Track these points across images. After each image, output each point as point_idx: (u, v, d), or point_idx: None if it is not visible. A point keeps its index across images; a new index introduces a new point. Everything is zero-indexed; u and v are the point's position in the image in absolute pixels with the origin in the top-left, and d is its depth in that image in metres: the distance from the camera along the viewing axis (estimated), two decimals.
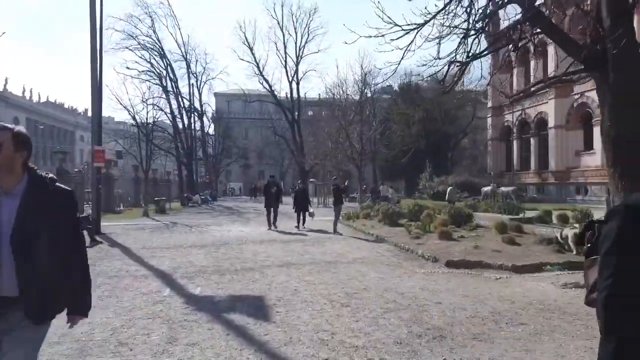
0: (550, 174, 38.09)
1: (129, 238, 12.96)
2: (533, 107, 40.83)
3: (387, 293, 6.37)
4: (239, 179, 72.34)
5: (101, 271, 7.95)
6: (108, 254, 10.03)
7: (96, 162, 13.82)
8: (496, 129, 47.36)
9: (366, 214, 18.06)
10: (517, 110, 43.54)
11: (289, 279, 7.37)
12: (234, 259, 9.32)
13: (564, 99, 36.69)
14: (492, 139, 48.23)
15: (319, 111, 58.29)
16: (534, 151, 41.05)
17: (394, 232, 13.01)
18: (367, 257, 9.51)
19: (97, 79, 14.48)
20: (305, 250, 10.50)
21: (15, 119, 64.09)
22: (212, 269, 8.14)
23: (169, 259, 9.26)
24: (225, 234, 13.96)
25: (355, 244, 11.82)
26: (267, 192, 15.65)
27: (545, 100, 39.02)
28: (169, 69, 37.76)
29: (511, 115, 44.76)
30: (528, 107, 41.08)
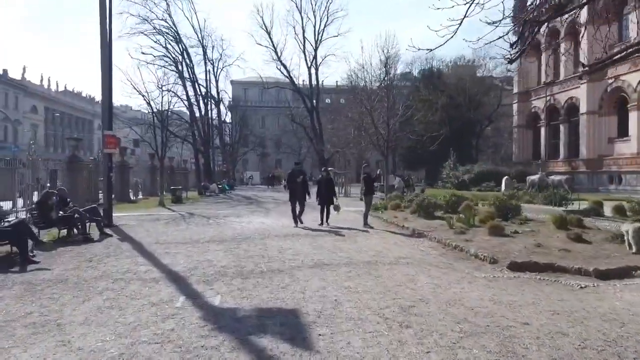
0: (581, 162, 36.13)
1: (141, 231, 11.92)
2: (563, 92, 38.71)
3: (453, 307, 5.09)
4: (255, 167, 71.53)
5: (105, 272, 6.85)
6: (117, 249, 8.96)
7: (107, 148, 12.79)
8: (522, 116, 45.26)
9: (395, 205, 16.72)
10: (545, 95, 41.42)
11: (324, 284, 6.15)
12: (257, 257, 8.14)
13: (597, 83, 34.57)
14: (518, 126, 46.15)
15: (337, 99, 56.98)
16: (563, 138, 39.05)
17: (432, 226, 11.67)
18: (410, 257, 8.22)
19: (107, 61, 13.40)
20: (336, 247, 9.27)
21: (33, 107, 64.27)
22: (233, 271, 6.96)
23: (184, 257, 8.13)
24: (245, 227, 12.83)
25: (391, 239, 10.54)
26: (292, 183, 13.26)
27: (577, 85, 36.87)
28: (184, 54, 36.74)
29: (539, 100, 42.63)
30: (557, 92, 38.97)
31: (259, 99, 73.79)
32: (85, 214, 10.19)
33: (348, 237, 10.80)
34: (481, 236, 9.58)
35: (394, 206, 16.72)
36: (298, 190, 13.09)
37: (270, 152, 71.08)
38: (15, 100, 60.36)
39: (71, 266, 7.33)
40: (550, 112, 41.02)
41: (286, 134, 62.78)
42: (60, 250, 8.84)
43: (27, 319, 4.73)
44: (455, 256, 8.29)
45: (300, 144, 62.43)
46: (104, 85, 13.50)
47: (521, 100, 45.77)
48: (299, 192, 13.12)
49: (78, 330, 4.39)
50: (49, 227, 9.80)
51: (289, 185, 13.47)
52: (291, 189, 13.31)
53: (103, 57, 13.51)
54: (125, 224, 13.41)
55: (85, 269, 7.14)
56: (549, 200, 14.61)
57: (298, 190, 13.09)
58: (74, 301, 5.34)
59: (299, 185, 13.09)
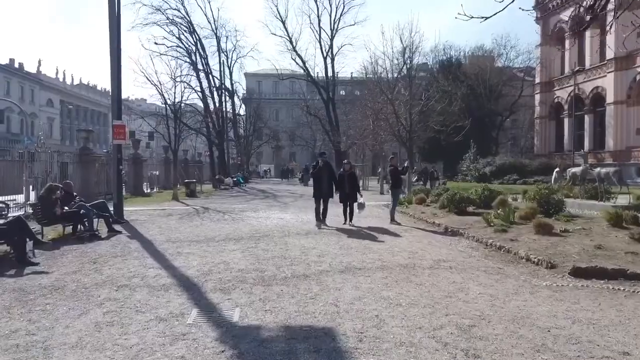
0: (607, 154, 34.57)
1: (153, 227, 11.18)
2: (589, 81, 37.03)
3: (523, 328, 4.15)
4: (269, 160, 70.91)
5: (110, 277, 6.06)
6: (125, 249, 8.19)
7: (116, 139, 12.04)
8: (544, 107, 43.59)
9: (420, 199, 15.72)
10: (569, 85, 39.72)
11: (360, 294, 5.25)
12: (279, 258, 7.28)
13: (625, 72, 32.95)
14: (540, 117, 44.53)
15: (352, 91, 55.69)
16: (588, 130, 37.44)
17: (466, 223, 10.67)
18: (450, 259, 7.27)
19: (115, 49, 12.62)
20: (365, 247, 8.36)
21: (49, 100, 64.46)
22: (253, 276, 6.11)
23: (198, 258, 7.32)
24: (263, 223, 12.00)
25: (424, 237, 9.58)
26: (318, 177, 11.46)
27: (603, 74, 35.21)
28: (198, 44, 35.88)
29: (562, 91, 40.92)
30: (582, 81, 37.24)
31: (272, 91, 73.10)
32: (92, 210, 9.46)
33: (376, 235, 9.88)
34: (527, 235, 8.57)
35: (419, 200, 15.73)
36: (325, 186, 11.36)
37: (285, 145, 70.28)
38: (31, 93, 60.56)
39: (72, 268, 6.57)
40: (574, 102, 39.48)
41: (300, 126, 61.85)
42: (64, 249, 8.10)
43: (9, 339, 3.93)
44: (502, 259, 7.31)
45: (314, 137, 61.44)
46: (113, 73, 12.74)
47: (543, 91, 44.13)
48: (326, 188, 11.38)
49: (68, 356, 3.58)
50: (53, 223, 9.09)
51: (315, 180, 11.63)
52: (317, 184, 11.51)
53: (112, 44, 12.74)
54: (136, 219, 12.70)
55: (87, 272, 6.36)
56: (590, 194, 13.44)
57: (325, 186, 11.36)
58: (69, 315, 4.54)
59: (325, 180, 11.37)
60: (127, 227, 10.92)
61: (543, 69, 43.45)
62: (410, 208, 14.76)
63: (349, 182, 11.61)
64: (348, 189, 11.47)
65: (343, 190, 11.48)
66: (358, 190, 11.85)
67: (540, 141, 45.20)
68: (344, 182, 11.51)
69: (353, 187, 11.65)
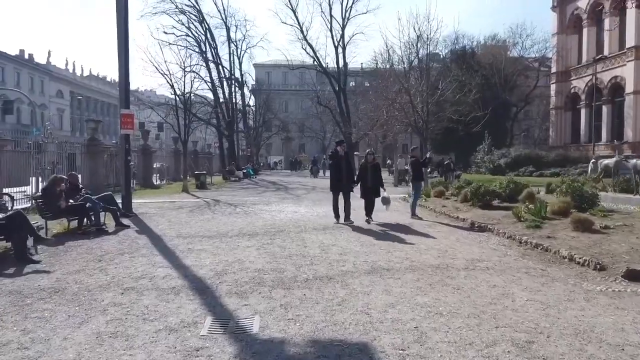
0: (625, 146, 33.51)
1: (163, 221, 10.69)
2: (607, 70, 35.80)
3: (590, 344, 3.55)
4: (279, 152, 70.45)
5: (115, 278, 5.55)
6: (133, 245, 7.70)
7: (124, 129, 11.54)
8: (561, 97, 42.39)
9: (439, 192, 15.07)
10: (586, 75, 38.51)
11: (392, 300, 4.68)
12: (297, 257, 6.73)
13: None
14: (556, 108, 43.33)
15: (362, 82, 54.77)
16: (606, 120, 36.32)
17: (492, 217, 10.03)
18: (485, 258, 6.66)
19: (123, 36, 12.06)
20: (390, 244, 7.77)
21: (59, 92, 64.42)
22: (272, 277, 5.56)
23: (210, 256, 6.79)
24: (276, 217, 11.46)
25: (450, 234, 8.96)
26: (336, 167, 10.20)
27: (623, 63, 34.00)
28: (207, 34, 35.30)
29: (579, 80, 39.70)
30: (600, 71, 36.01)
31: (282, 82, 72.42)
32: (98, 203, 8.98)
33: (399, 230, 9.28)
34: (564, 232, 7.91)
35: (437, 193, 15.07)
36: (344, 177, 10.11)
37: (294, 136, 69.70)
38: (41, 84, 60.53)
39: (76, 267, 6.08)
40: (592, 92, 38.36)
41: (310, 117, 61.16)
42: (69, 245, 7.63)
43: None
44: (541, 258, 6.68)
45: (324, 128, 60.76)
46: (120, 60, 12.20)
47: (560, 81, 42.93)
48: (345, 180, 10.12)
49: None
50: (57, 217, 8.63)
51: (333, 171, 10.39)
52: (335, 175, 10.25)
53: (119, 30, 12.18)
54: (145, 212, 12.25)
55: (91, 271, 5.86)
56: (621, 187, 12.70)
57: (344, 177, 10.11)
58: (68, 324, 4.03)
59: (344, 171, 10.12)
60: (136, 221, 10.45)
61: (559, 58, 42.21)
62: (429, 201, 14.12)
63: (372, 174, 10.39)
64: (371, 182, 10.34)
65: (365, 184, 10.37)
66: (381, 184, 10.67)
67: (555, 132, 44.08)
68: (367, 175, 10.33)
69: (376, 180, 10.46)
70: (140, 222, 10.31)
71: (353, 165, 10.42)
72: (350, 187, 10.31)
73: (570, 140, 41.93)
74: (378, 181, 10.53)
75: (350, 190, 10.27)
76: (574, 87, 40.96)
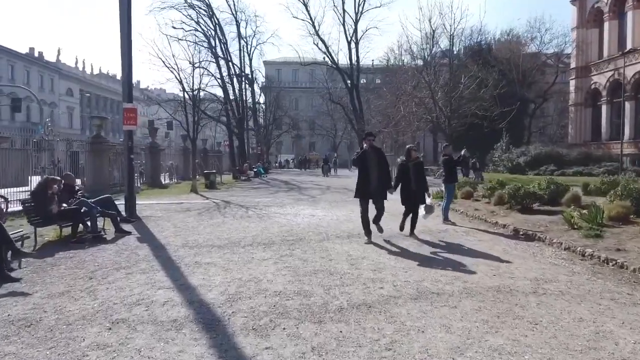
0: None
1: (168, 225, 9.69)
2: (631, 65, 34.14)
3: None
4: (289, 150, 69.51)
5: (104, 303, 4.51)
6: (132, 257, 6.68)
7: (126, 124, 10.55)
8: (580, 93, 40.77)
9: (467, 193, 13.89)
10: (607, 70, 36.92)
11: (456, 341, 3.58)
12: (323, 274, 5.66)
13: None
14: (575, 104, 41.71)
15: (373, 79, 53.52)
16: (629, 117, 34.69)
17: (538, 224, 8.87)
18: (550, 277, 5.52)
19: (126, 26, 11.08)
20: (430, 258, 6.65)
21: (69, 90, 64.09)
22: (296, 304, 4.49)
23: (221, 272, 5.74)
24: (293, 221, 10.40)
25: (495, 243, 7.82)
26: (363, 167, 7.76)
27: None
28: (217, 28, 34.32)
29: (600, 76, 38.08)
30: (623, 66, 34.37)
31: (292, 79, 71.49)
32: (95, 207, 7.99)
33: (434, 239, 8.16)
34: (633, 243, 6.74)
35: (465, 194, 13.89)
36: (374, 180, 7.68)
37: (305, 134, 68.69)
38: (50, 82, 60.24)
39: (60, 288, 5.07)
40: (613, 88, 36.75)
41: (320, 115, 60.09)
42: (59, 256, 6.64)
43: None
44: (618, 278, 5.52)
45: (335, 126, 59.63)
46: (123, 51, 11.21)
47: (579, 76, 41.33)
48: (376, 183, 7.69)
49: None
50: (48, 223, 7.65)
51: (359, 172, 7.87)
52: (362, 177, 7.77)
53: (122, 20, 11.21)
54: (150, 215, 11.27)
55: (77, 294, 4.84)
56: None
57: (374, 180, 7.68)
58: None
59: (375, 172, 7.68)
60: (139, 226, 9.45)
61: (580, 52, 40.61)
62: (457, 203, 12.95)
63: (416, 175, 8.30)
64: (415, 186, 8.26)
65: (407, 188, 8.28)
66: (426, 187, 8.56)
67: (574, 130, 42.49)
68: (409, 176, 8.28)
69: (421, 183, 8.35)
70: (143, 228, 9.31)
71: (387, 163, 8.36)
72: (384, 193, 7.84)
73: (590, 138, 40.38)
74: (423, 184, 8.42)
75: (383, 198, 7.84)
76: (595, 83, 39.44)
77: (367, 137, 8.14)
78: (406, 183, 8.28)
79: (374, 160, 7.78)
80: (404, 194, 8.33)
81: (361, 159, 7.83)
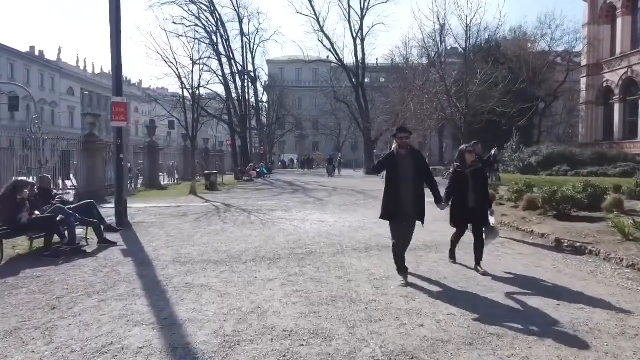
0: None
1: (161, 234, 8.59)
2: None
3: None
4: (292, 150, 68.46)
5: (58, 351, 3.38)
6: (110, 276, 5.57)
7: (115, 121, 9.45)
8: (592, 91, 39.49)
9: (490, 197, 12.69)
10: (620, 67, 35.67)
11: None
12: (344, 302, 4.53)
13: None
14: (586, 103, 40.40)
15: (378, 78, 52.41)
16: None
17: (582, 233, 7.72)
18: (629, 308, 4.37)
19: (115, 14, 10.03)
20: (469, 279, 5.53)
21: (70, 89, 63.23)
22: (314, 354, 3.37)
23: (216, 299, 4.63)
24: (300, 228, 9.28)
25: (539, 258, 6.66)
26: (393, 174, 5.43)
27: None
28: (219, 24, 33.28)
29: (613, 73, 36.81)
30: (636, 63, 33.15)
31: (295, 78, 70.47)
32: (73, 214, 6.89)
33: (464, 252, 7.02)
34: None
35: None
36: (409, 193, 5.34)
37: (308, 134, 67.64)
38: (51, 81, 59.43)
39: (11, 323, 3.97)
40: (627, 85, 35.54)
41: (324, 114, 59.02)
42: (24, 275, 5.55)
43: None
44: None
45: (339, 126, 58.53)
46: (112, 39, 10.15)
47: (591, 74, 40.10)
48: (412, 198, 5.35)
49: None
50: (17, 234, 6.56)
51: (388, 181, 5.47)
52: (391, 189, 5.41)
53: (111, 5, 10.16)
54: (142, 221, 10.18)
55: (29, 335, 3.74)
56: None
57: (409, 193, 5.34)
58: None
59: (410, 183, 5.36)
60: (127, 235, 8.36)
61: (591, 49, 39.36)
62: None
63: (476, 186, 5.95)
64: (475, 201, 5.92)
65: (463, 203, 5.95)
66: (489, 203, 6.65)
67: (585, 129, 41.21)
68: (466, 188, 5.93)
69: (483, 196, 6.10)
70: (132, 237, 8.21)
71: (430, 170, 5.89)
72: (420, 213, 5.39)
73: (602, 137, 39.17)
74: (485, 198, 6.26)
75: (418, 219, 5.42)
76: (607, 81, 38.26)
77: (398, 135, 5.53)
78: (461, 197, 5.97)
79: (408, 166, 5.36)
80: (457, 211, 6.07)
81: (388, 164, 5.44)
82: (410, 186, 5.36)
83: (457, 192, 6.05)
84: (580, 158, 33.86)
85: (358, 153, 54.21)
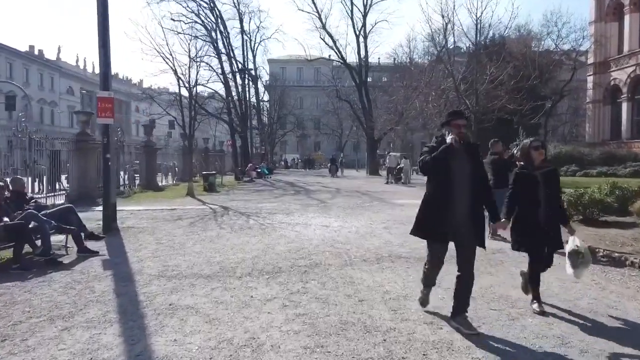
0: None
1: (150, 241, 7.82)
2: None
3: None
4: (294, 150, 67.70)
5: None
6: (82, 295, 4.79)
7: (101, 117, 8.70)
8: (599, 90, 38.67)
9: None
10: (628, 65, 34.87)
11: None
12: (356, 330, 3.75)
13: None
14: (594, 102, 39.58)
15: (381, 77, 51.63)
16: None
17: (618, 241, 6.94)
18: None
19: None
20: (499, 294, 4.74)
21: (69, 88, 62.57)
22: None
23: (203, 327, 3.86)
24: (303, 234, 8.49)
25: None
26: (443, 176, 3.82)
27: None
28: (219, 21, 32.55)
29: (621, 72, 35.99)
30: None
31: (297, 77, 69.76)
32: (48, 221, 6.13)
33: (489, 267, 6.23)
34: None
35: None
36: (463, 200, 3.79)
37: (310, 133, 66.90)
38: (50, 81, 58.78)
39: None
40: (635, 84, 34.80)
41: (326, 114, 58.28)
42: None
43: None
44: None
45: (341, 125, 57.75)
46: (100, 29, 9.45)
47: (598, 72, 39.34)
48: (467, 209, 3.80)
49: None
50: None
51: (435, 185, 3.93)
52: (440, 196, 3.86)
53: None
54: (132, 226, 9.41)
55: None
56: None
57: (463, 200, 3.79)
58: None
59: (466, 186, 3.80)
60: (112, 243, 7.58)
61: (598, 47, 38.55)
62: None
63: (548, 196, 4.32)
64: (546, 217, 4.27)
65: (529, 219, 4.30)
66: (565, 217, 4.64)
67: (592, 128, 40.41)
68: (536, 196, 4.30)
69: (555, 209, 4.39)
70: (117, 245, 7.43)
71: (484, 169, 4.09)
72: (478, 232, 3.86)
73: (609, 137, 38.40)
74: (560, 213, 4.49)
75: (478, 239, 3.86)
76: (614, 79, 37.54)
77: (453, 120, 3.92)
78: (528, 210, 4.30)
79: (463, 164, 3.82)
80: (522, 228, 4.34)
81: (443, 158, 3.77)
82: (466, 194, 3.79)
83: (524, 204, 4.32)
84: (589, 158, 33.04)
85: (360, 153, 53.50)
